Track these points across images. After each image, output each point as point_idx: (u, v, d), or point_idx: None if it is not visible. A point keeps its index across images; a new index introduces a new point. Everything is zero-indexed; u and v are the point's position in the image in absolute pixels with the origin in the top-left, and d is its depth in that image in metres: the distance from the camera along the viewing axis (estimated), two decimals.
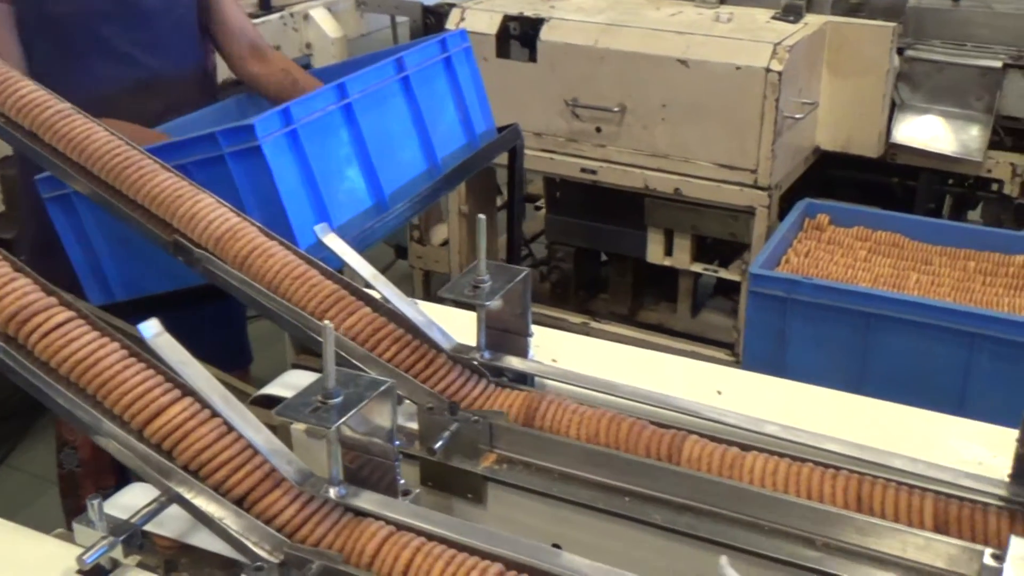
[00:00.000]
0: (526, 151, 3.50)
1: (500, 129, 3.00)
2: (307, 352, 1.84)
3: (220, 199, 1.75)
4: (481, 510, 1.50)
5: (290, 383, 1.67)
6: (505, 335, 1.60)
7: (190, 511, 1.29)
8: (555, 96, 3.62)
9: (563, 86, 3.60)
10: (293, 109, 2.24)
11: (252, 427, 1.29)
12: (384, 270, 1.64)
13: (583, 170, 3.67)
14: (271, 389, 1.68)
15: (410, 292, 2.83)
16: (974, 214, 4.02)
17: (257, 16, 4.38)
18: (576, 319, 3.97)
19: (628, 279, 4.02)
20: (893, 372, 2.80)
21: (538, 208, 4.43)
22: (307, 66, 3.81)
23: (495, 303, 1.54)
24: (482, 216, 1.52)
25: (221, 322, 2.91)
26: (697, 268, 3.71)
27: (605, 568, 1.17)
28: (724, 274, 3.67)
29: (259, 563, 1.21)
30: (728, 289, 3.96)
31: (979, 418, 1.60)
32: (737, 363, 3.46)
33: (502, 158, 3.13)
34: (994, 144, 3.65)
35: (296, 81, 2.80)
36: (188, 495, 1.28)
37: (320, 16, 4.59)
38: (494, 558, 1.19)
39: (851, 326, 2.86)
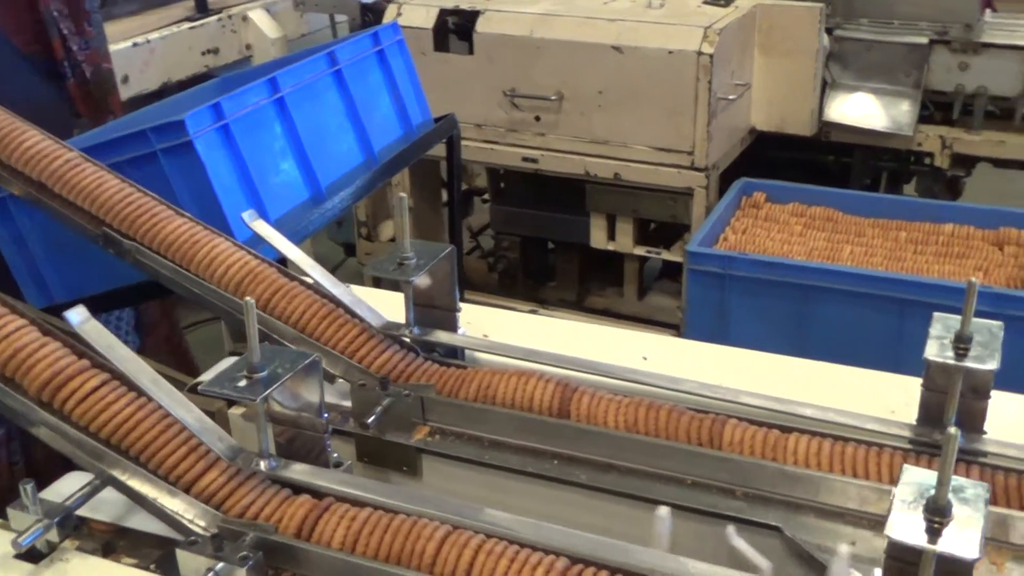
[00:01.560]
0: (468, 143, 3.55)
1: (437, 120, 3.03)
2: (244, 340, 1.86)
3: (147, 191, 1.76)
4: (417, 482, 1.53)
5: None
6: (433, 311, 1.64)
7: (125, 492, 1.31)
8: (494, 87, 3.66)
9: (501, 77, 3.64)
10: (225, 104, 2.25)
11: (182, 407, 1.32)
12: (334, 269, 1.67)
13: (524, 159, 3.71)
14: (208, 376, 1.69)
15: None
16: (909, 188, 4.11)
17: (194, 19, 4.38)
18: (525, 308, 4.01)
19: (574, 266, 4.07)
20: (830, 340, 2.87)
21: (485, 200, 4.47)
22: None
23: (421, 279, 1.58)
24: (402, 195, 1.56)
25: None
26: (640, 251, 3.77)
27: (531, 522, 1.21)
28: (667, 256, 3.73)
29: (193, 538, 1.24)
30: (674, 271, 4.02)
31: None
32: None
33: (442, 151, 3.16)
34: (924, 118, 3.75)
35: None
36: (122, 476, 1.31)
37: (259, 17, 4.59)
38: (426, 518, 1.23)
39: (788, 298, 2.93)
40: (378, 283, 4.50)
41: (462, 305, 1.66)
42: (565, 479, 1.44)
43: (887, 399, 1.58)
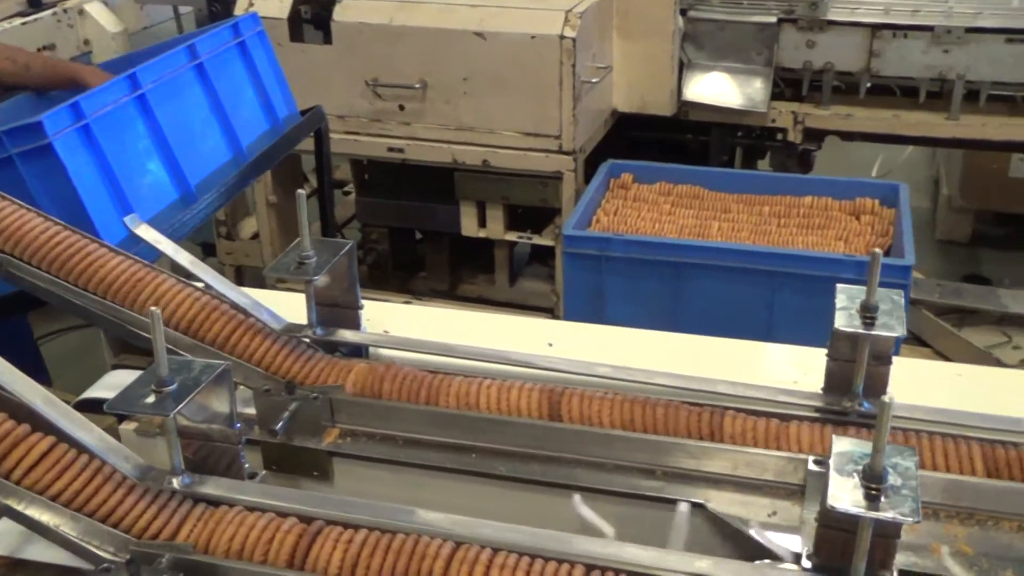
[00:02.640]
0: (331, 135, 3.47)
1: (303, 113, 2.95)
2: (128, 351, 1.77)
3: (12, 199, 1.65)
4: (328, 487, 1.49)
5: (113, 384, 1.60)
6: (335, 310, 1.59)
7: (21, 522, 1.22)
8: (355, 77, 3.59)
9: (362, 66, 3.57)
10: (83, 103, 2.14)
11: (81, 427, 1.24)
12: (188, 274, 1.59)
13: (390, 149, 3.66)
14: (94, 392, 1.60)
15: None
16: (763, 163, 4.25)
17: (27, 14, 4.13)
18: (397, 299, 3.96)
19: (445, 255, 4.04)
20: (705, 315, 2.94)
21: (347, 193, 4.39)
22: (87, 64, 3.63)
23: (322, 278, 1.53)
24: (301, 191, 1.50)
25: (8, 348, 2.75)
26: (512, 237, 3.77)
27: (463, 520, 1.19)
28: (538, 240, 3.75)
29: (105, 565, 1.17)
30: (543, 255, 4.05)
31: None
32: None
33: (306, 144, 3.08)
34: (776, 95, 3.88)
35: (28, 65, 2.66)
36: (17, 506, 1.21)
37: (96, 11, 4.36)
38: (353, 525, 1.19)
39: (662, 276, 2.99)
40: (239, 281, 4.37)
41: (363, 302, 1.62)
42: (485, 472, 1.42)
43: (784, 370, 1.63)
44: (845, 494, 1.01)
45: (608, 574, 1.12)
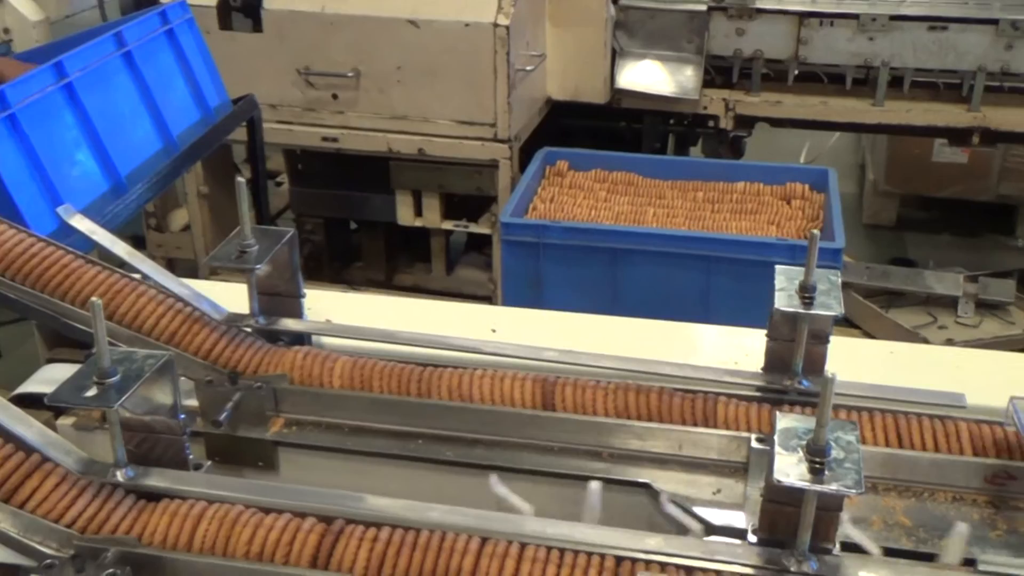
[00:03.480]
0: (263, 124, 3.43)
1: (235, 102, 2.91)
2: (62, 344, 1.73)
3: None
4: (274, 476, 1.48)
5: (49, 378, 1.56)
6: (277, 299, 1.57)
7: None
8: (286, 66, 3.55)
9: (294, 55, 3.53)
10: (8, 92, 2.08)
11: (19, 422, 1.21)
12: (123, 264, 1.56)
13: (324, 139, 3.62)
14: (29, 387, 1.56)
15: None
16: (696, 150, 4.30)
17: None
18: (334, 290, 3.92)
19: (381, 244, 4.03)
20: (641, 300, 2.97)
21: (279, 184, 4.33)
22: (6, 53, 3.54)
23: (264, 267, 1.51)
24: (241, 179, 1.49)
25: None
26: (448, 225, 3.77)
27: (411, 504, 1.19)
28: (475, 228, 3.75)
29: (48, 561, 1.14)
30: (480, 244, 4.05)
31: None
32: None
33: (238, 135, 3.04)
34: (707, 83, 3.93)
35: None
36: None
37: None
38: (302, 513, 1.18)
39: (599, 262, 3.02)
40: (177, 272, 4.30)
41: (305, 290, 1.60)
42: (432, 458, 1.42)
43: (724, 351, 1.66)
44: (790, 468, 1.03)
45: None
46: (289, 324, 1.56)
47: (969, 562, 1.20)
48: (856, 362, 1.57)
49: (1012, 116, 3.81)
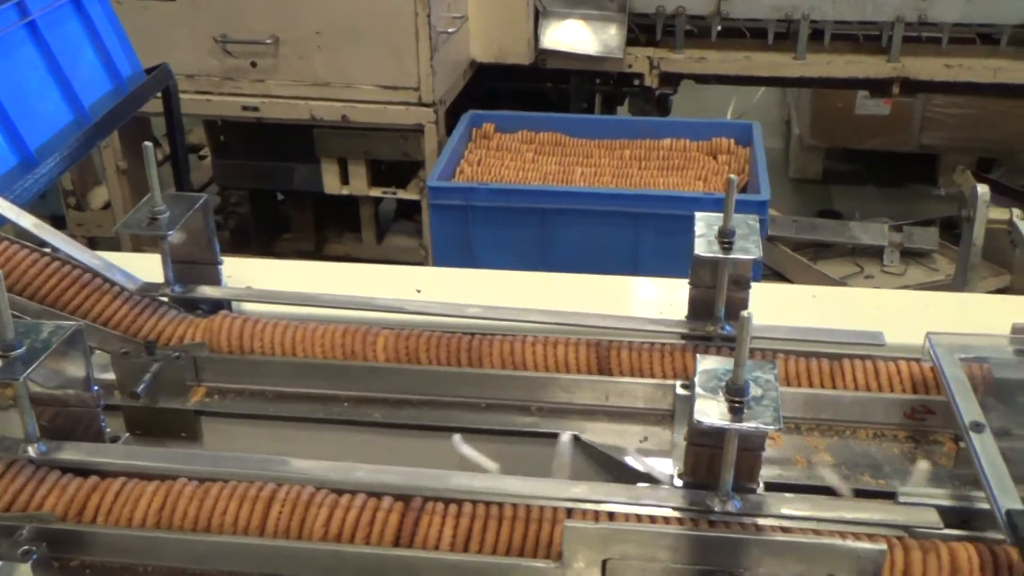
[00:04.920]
0: (180, 95, 3.34)
1: (148, 72, 2.83)
2: None
3: None
4: (198, 447, 1.45)
5: None
6: (193, 267, 1.54)
7: None
8: (203, 34, 3.47)
9: (210, 22, 3.45)
10: None
11: None
12: (43, 244, 1.51)
13: (244, 108, 3.55)
14: None
15: None
16: (623, 109, 4.31)
17: None
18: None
19: (309, 215, 3.98)
20: (572, 259, 2.97)
21: (202, 157, 4.25)
22: None
23: (177, 234, 1.47)
24: (148, 144, 1.44)
25: None
26: (376, 193, 3.73)
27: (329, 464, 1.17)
28: (403, 195, 3.72)
29: None
30: (409, 211, 4.02)
31: None
32: None
33: (155, 107, 2.96)
34: (631, 41, 3.92)
35: None
36: None
37: None
38: (223, 479, 1.16)
39: (529, 223, 3.01)
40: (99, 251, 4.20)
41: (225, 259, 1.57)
42: (360, 420, 1.41)
43: (651, 304, 1.67)
44: (710, 409, 1.03)
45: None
46: (207, 291, 1.52)
47: (889, 495, 1.22)
48: (779, 306, 1.58)
49: (930, 65, 3.88)
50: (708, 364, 1.09)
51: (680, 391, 1.35)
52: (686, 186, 3.10)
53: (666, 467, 1.29)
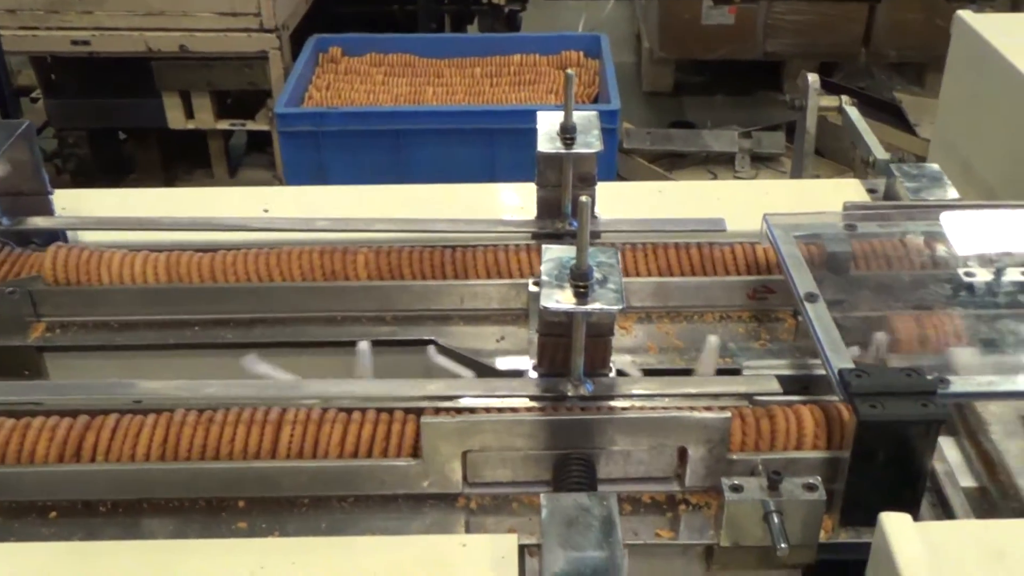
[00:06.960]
0: (2, 32, 3.16)
1: None
2: None
3: None
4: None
5: None
6: (22, 198, 1.46)
7: None
8: None
9: None
10: None
11: None
12: None
13: (74, 43, 3.37)
14: None
15: None
16: (473, 28, 4.26)
17: None
18: None
19: (155, 152, 3.83)
20: (428, 179, 2.91)
21: (34, 100, 4.03)
22: None
23: (0, 164, 1.40)
24: None
25: None
26: (224, 125, 3.62)
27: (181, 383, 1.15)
28: (252, 125, 3.61)
29: None
30: (261, 143, 3.91)
31: None
32: None
33: None
34: None
35: None
36: None
37: None
38: (62, 412, 1.12)
39: (383, 146, 2.97)
40: None
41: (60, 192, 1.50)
42: (211, 343, 1.38)
43: (504, 208, 1.67)
44: (557, 296, 1.04)
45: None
46: (37, 222, 1.46)
47: (735, 371, 1.27)
48: (626, 202, 1.61)
49: None
50: (553, 253, 1.10)
51: (532, 288, 1.36)
52: (538, 100, 3.10)
53: (523, 364, 1.31)
